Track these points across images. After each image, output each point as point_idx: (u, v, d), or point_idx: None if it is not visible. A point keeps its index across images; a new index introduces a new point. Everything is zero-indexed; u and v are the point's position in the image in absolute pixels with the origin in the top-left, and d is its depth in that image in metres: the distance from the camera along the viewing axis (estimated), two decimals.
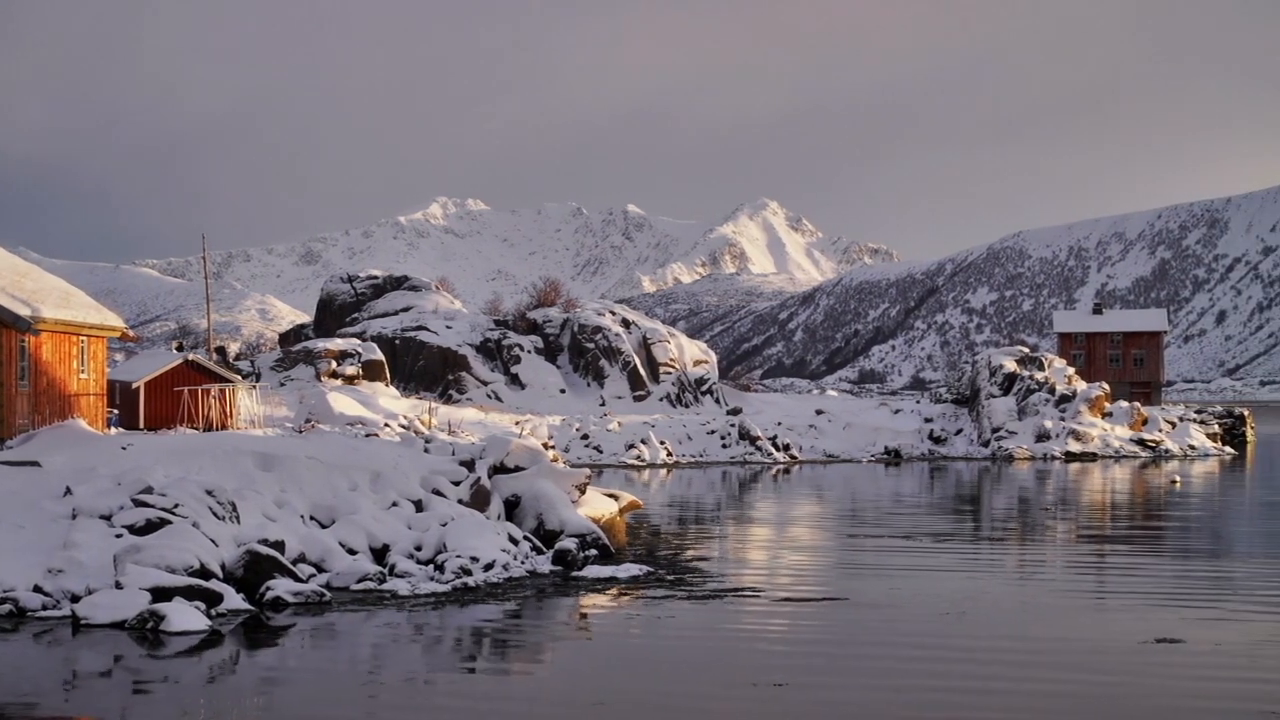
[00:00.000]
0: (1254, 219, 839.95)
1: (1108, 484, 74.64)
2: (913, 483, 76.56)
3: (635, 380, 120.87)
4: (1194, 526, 51.16)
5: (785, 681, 22.57)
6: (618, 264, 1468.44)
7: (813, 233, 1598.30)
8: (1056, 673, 23.52)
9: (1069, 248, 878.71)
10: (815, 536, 47.68)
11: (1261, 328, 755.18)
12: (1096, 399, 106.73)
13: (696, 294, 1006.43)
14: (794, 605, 30.62)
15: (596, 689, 22.40)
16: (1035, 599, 32.10)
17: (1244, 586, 33.69)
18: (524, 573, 34.57)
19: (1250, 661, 24.10)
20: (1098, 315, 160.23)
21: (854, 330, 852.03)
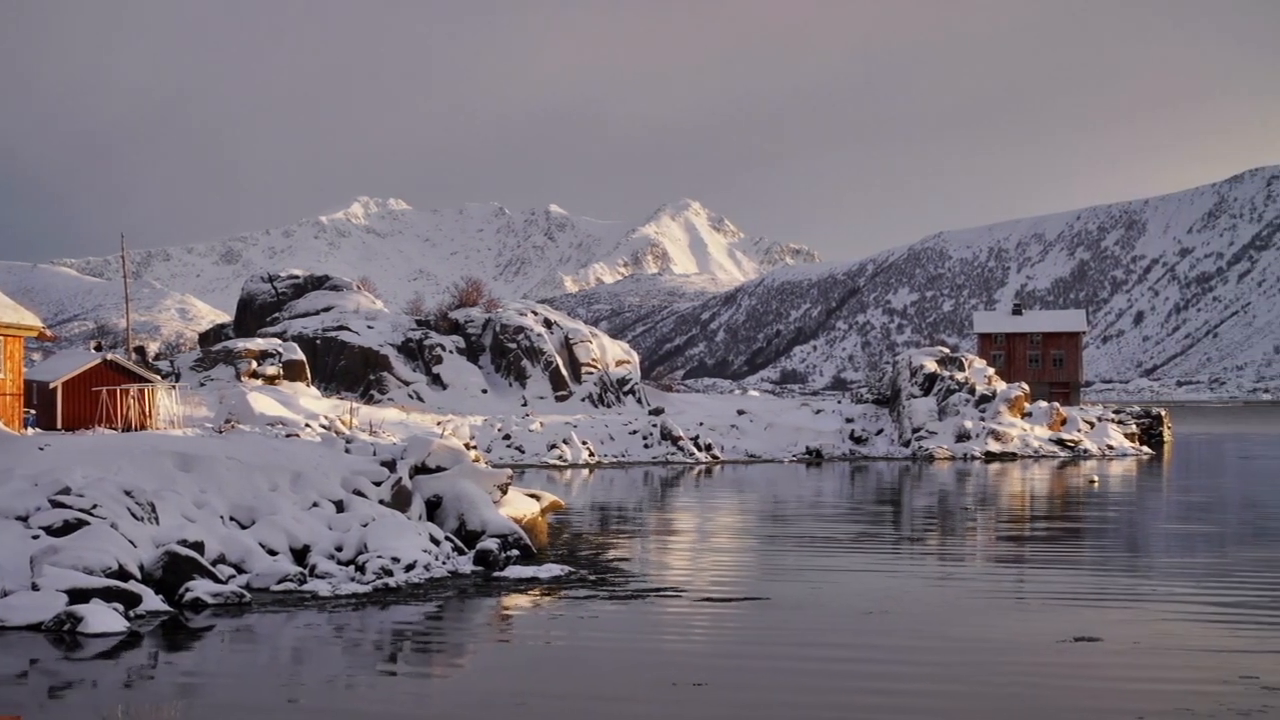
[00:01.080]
0: (1171, 220, 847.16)
1: (1027, 484, 75.11)
2: (834, 483, 76.81)
3: (557, 380, 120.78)
4: (1111, 526, 51.54)
5: (705, 681, 22.59)
6: (540, 264, 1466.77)
7: (735, 233, 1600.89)
8: (977, 672, 23.64)
9: (989, 248, 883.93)
10: (737, 537, 47.76)
11: (1178, 329, 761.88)
12: (1016, 399, 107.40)
13: (619, 294, 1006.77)
14: (715, 605, 30.65)
15: (518, 690, 22.35)
16: (956, 599, 32.26)
17: (1161, 586, 33.94)
18: (445, 573, 34.49)
19: (1167, 659, 24.29)
20: (1017, 316, 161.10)
21: (776, 331, 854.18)
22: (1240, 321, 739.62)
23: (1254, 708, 20.54)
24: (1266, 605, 30.67)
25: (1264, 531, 48.46)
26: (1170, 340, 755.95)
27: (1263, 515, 55.79)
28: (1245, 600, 31.48)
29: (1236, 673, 22.96)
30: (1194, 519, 52.90)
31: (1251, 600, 31.50)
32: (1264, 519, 54.09)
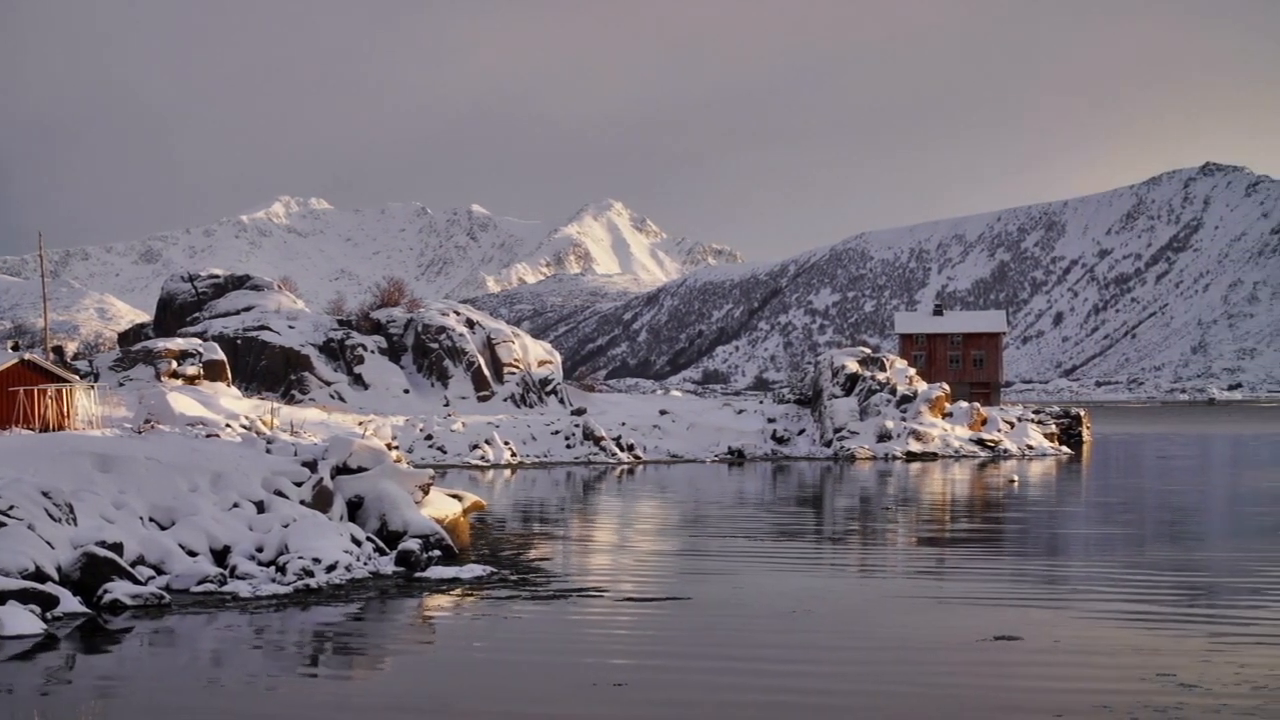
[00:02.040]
0: (1090, 222, 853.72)
1: (947, 484, 75.46)
2: (756, 483, 76.96)
3: (479, 381, 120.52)
4: (1031, 526, 51.84)
5: (625, 682, 22.60)
6: (462, 264, 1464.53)
7: (657, 233, 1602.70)
8: (899, 670, 23.76)
9: (910, 249, 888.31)
10: (659, 537, 47.76)
11: (1097, 329, 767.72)
12: (937, 399, 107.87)
13: (541, 294, 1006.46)
14: (637, 605, 30.68)
15: (439, 691, 22.32)
16: (878, 598, 32.39)
17: (1080, 584, 34.20)
18: (367, 574, 34.38)
19: (1086, 657, 24.47)
20: (938, 316, 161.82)
21: (698, 331, 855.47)
22: (1158, 322, 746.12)
23: (1170, 705, 20.72)
24: (1183, 605, 30.94)
25: (1181, 532, 48.89)
26: (1089, 341, 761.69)
27: (1179, 516, 56.26)
28: (1162, 600, 31.76)
29: (1154, 671, 23.16)
30: (1112, 519, 53.30)
31: (1168, 600, 31.78)
32: (1180, 519, 54.55)
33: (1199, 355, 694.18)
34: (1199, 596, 32.06)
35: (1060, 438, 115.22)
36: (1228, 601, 30.97)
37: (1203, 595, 32.22)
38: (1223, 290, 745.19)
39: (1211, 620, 28.29)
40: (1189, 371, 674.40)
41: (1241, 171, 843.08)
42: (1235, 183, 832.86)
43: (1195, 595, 32.30)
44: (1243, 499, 64.26)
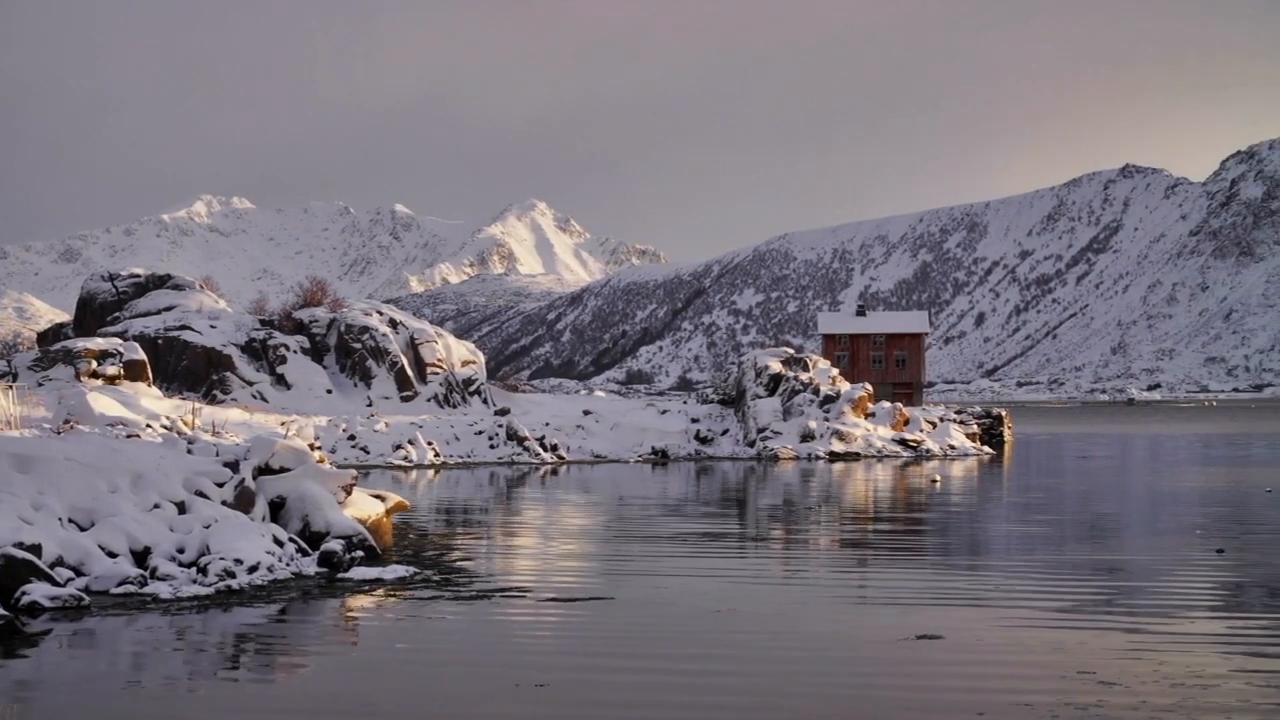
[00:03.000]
0: (1011, 223, 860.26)
1: (870, 484, 75.75)
2: (679, 483, 77.06)
3: (403, 381, 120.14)
4: (953, 526, 52.11)
5: (548, 682, 22.58)
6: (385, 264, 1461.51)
7: (581, 234, 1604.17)
8: (822, 669, 23.85)
9: (834, 250, 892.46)
10: (583, 537, 47.77)
11: (1019, 330, 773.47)
12: (860, 399, 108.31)
13: (465, 294, 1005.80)
14: (560, 605, 30.66)
15: (362, 691, 22.23)
16: (801, 597, 32.50)
17: (1001, 583, 34.39)
18: (289, 575, 34.21)
19: (1007, 656, 24.62)
20: (861, 317, 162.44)
21: (622, 331, 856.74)
22: (1079, 323, 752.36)
23: (1091, 702, 20.88)
24: (1103, 603, 31.16)
25: (1100, 531, 49.23)
26: (1011, 341, 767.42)
27: (1099, 515, 56.65)
28: (1083, 598, 31.98)
29: (1074, 669, 23.32)
30: (1033, 519, 53.61)
31: (1089, 598, 32.00)
32: (1100, 519, 54.93)
33: (1119, 356, 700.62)
34: (1118, 596, 32.30)
35: (982, 438, 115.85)
36: (1147, 601, 31.20)
37: (1122, 595, 32.46)
38: (1142, 291, 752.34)
39: (1131, 619, 28.49)
40: (1109, 372, 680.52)
41: (1160, 174, 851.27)
42: (1154, 185, 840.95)
43: (1115, 595, 32.54)
44: (1161, 499, 64.76)
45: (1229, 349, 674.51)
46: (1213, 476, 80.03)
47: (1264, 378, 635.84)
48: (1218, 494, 66.06)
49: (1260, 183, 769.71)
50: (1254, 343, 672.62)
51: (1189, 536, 44.79)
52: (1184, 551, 40.55)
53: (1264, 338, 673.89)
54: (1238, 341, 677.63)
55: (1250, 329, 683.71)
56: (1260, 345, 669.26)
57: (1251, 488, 68.80)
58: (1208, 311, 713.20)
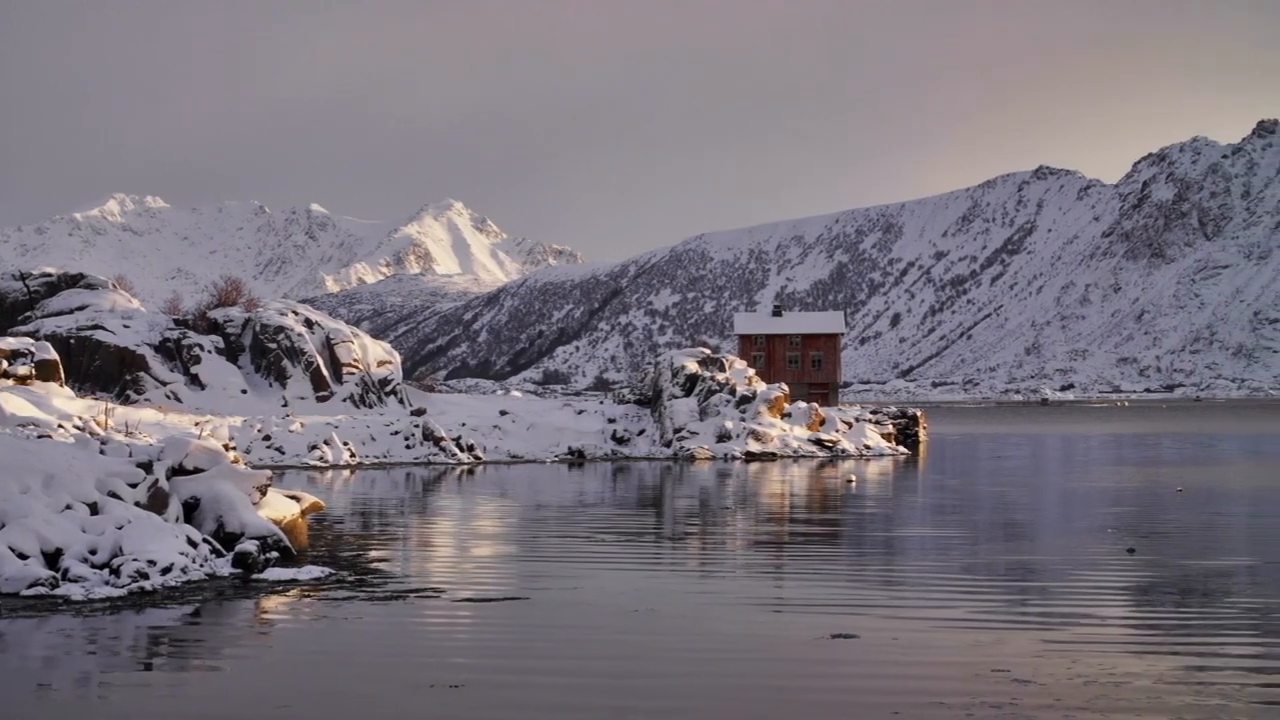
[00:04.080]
0: (926, 224, 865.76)
1: (786, 484, 75.97)
2: (596, 483, 77.07)
3: (318, 381, 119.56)
4: (868, 525, 52.31)
5: (463, 683, 22.54)
6: (301, 263, 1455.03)
7: (497, 234, 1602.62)
8: (739, 668, 23.90)
9: (750, 250, 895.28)
10: (499, 537, 47.73)
11: (934, 330, 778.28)
12: (776, 400, 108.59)
13: (381, 294, 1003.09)
14: (475, 606, 30.60)
15: (277, 692, 22.12)
16: (718, 597, 32.55)
17: (915, 584, 34.56)
18: (203, 576, 34.00)
19: (922, 655, 24.74)
20: (777, 317, 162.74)
21: (539, 331, 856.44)
22: (993, 324, 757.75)
23: (1005, 701, 21.02)
24: (1016, 602, 31.40)
25: (1014, 531, 49.55)
26: (926, 342, 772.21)
27: (1013, 514, 57.01)
28: (996, 598, 32.21)
29: (988, 667, 23.47)
30: (947, 519, 53.93)
31: (1002, 598, 32.23)
32: (1014, 518, 55.28)
33: (1032, 356, 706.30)
34: (1031, 595, 32.55)
35: (897, 438, 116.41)
36: (1059, 600, 31.46)
37: (1035, 594, 32.71)
38: (1055, 292, 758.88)
39: (1043, 619, 28.72)
40: (1023, 372, 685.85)
41: (1073, 175, 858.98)
42: (1067, 186, 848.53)
43: (1028, 594, 32.79)
44: (1073, 499, 65.30)
45: (1141, 349, 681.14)
46: (1124, 476, 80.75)
47: (1175, 378, 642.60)
48: (1129, 493, 66.64)
49: (1171, 185, 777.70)
50: (1165, 343, 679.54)
51: (1100, 536, 45.17)
52: (1096, 551, 40.89)
53: (1175, 338, 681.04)
54: (1149, 342, 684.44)
55: (1161, 330, 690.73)
56: (1171, 346, 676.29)
57: (1162, 487, 69.42)
58: (1120, 312, 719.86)
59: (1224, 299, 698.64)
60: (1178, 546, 42.12)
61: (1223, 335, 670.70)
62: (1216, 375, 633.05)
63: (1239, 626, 27.78)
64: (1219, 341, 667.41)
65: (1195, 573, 35.90)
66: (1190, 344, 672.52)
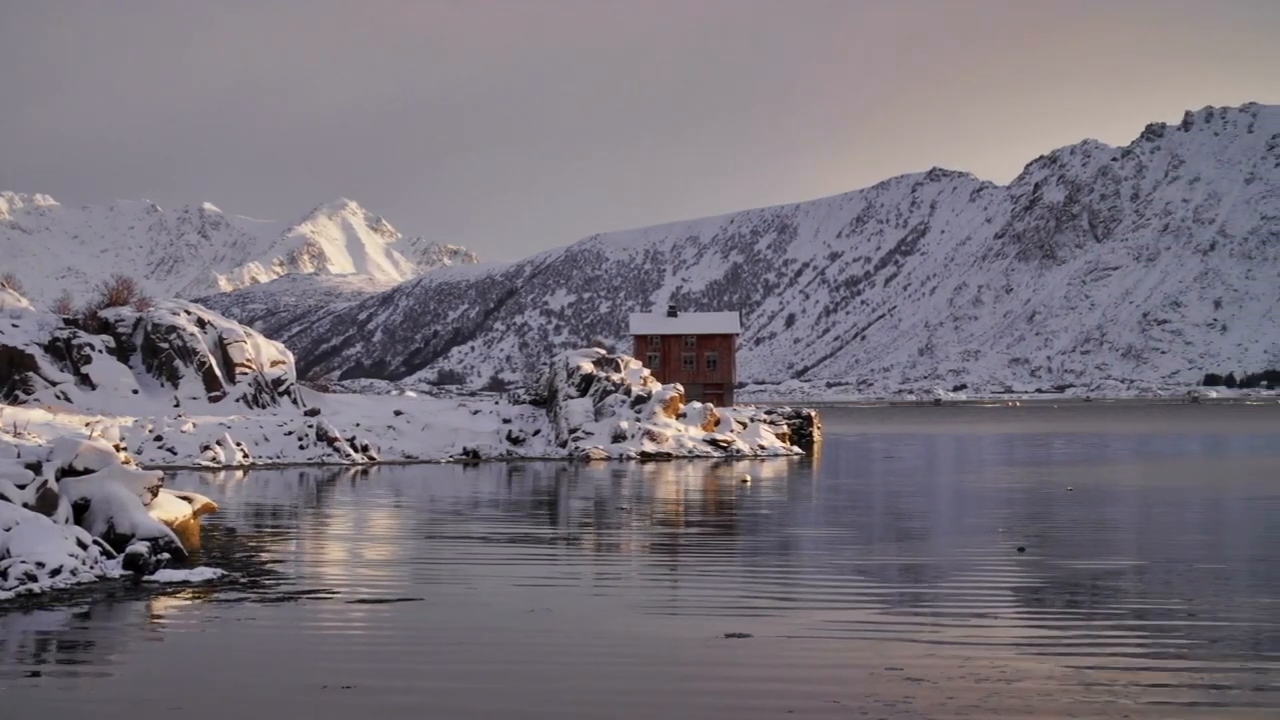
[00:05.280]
0: (821, 225, 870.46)
1: (681, 484, 76.06)
2: (491, 483, 76.94)
3: (211, 381, 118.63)
4: (763, 526, 52.45)
5: (355, 684, 22.45)
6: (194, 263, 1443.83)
7: (392, 233, 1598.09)
8: (635, 667, 23.92)
9: (645, 251, 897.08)
10: (393, 537, 47.58)
11: (828, 331, 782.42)
12: (671, 400, 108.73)
13: (274, 294, 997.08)
14: (369, 606, 30.49)
15: (168, 694, 21.94)
16: (614, 596, 32.58)
17: (809, 583, 34.71)
18: (93, 578, 33.67)
19: (816, 654, 24.84)
20: (672, 318, 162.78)
21: (434, 331, 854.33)
22: (887, 324, 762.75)
23: (899, 699, 21.17)
24: (909, 602, 31.63)
25: (906, 531, 49.85)
26: (820, 343, 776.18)
27: (905, 514, 57.36)
28: (890, 596, 32.44)
29: (882, 666, 23.63)
30: (841, 519, 54.20)
31: (895, 597, 32.46)
32: (907, 518, 55.62)
33: (926, 357, 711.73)
34: (924, 595, 32.78)
35: (792, 438, 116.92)
36: (951, 599, 31.69)
37: (927, 594, 32.93)
38: (948, 293, 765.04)
39: (936, 618, 28.93)
40: (916, 373, 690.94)
41: (966, 177, 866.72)
42: (960, 188, 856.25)
43: (920, 594, 33.02)
44: (965, 499, 65.82)
45: (1032, 350, 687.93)
46: (1016, 476, 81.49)
47: (1065, 378, 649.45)
48: (1020, 493, 67.25)
49: (1062, 187, 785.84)
50: (1056, 344, 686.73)
51: (992, 536, 45.56)
52: (987, 550, 41.23)
53: (1066, 339, 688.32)
54: (1041, 343, 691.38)
55: (1052, 330, 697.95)
56: (1062, 346, 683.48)
57: (1053, 487, 70.13)
58: (1012, 313, 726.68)
59: (1113, 300, 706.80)
60: (1068, 546, 42.53)
61: (1112, 336, 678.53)
62: (1106, 376, 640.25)
63: (1127, 626, 28.08)
64: (1109, 342, 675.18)
65: (1084, 573, 36.25)
66: (1080, 345, 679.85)
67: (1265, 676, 22.89)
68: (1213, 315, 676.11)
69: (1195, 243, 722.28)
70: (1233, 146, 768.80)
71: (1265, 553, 41.09)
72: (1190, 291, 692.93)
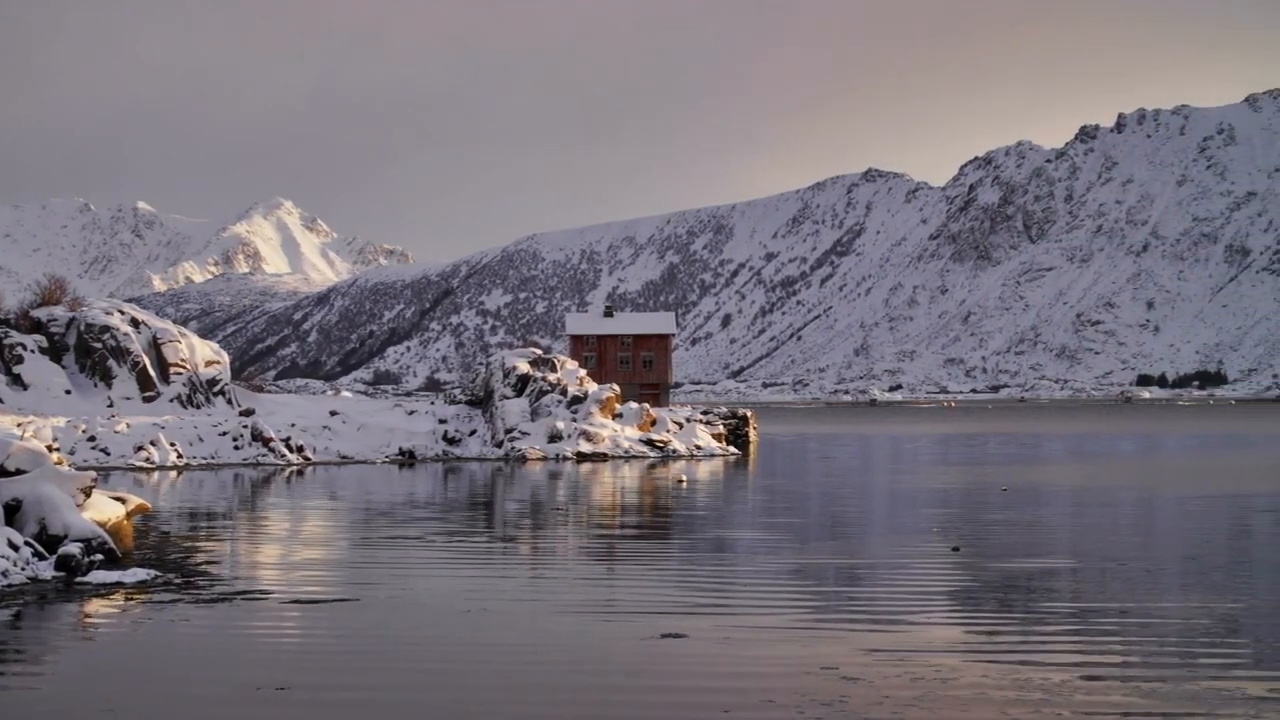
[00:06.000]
0: (757, 226, 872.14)
1: (617, 484, 76.07)
2: (427, 484, 76.79)
3: (145, 381, 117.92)
4: (699, 526, 52.49)
5: (289, 685, 22.36)
6: (127, 262, 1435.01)
7: (328, 233, 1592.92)
8: (570, 668, 23.89)
9: (581, 251, 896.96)
10: (328, 538, 47.45)
11: (764, 331, 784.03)
12: (607, 400, 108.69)
13: (209, 294, 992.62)
14: (304, 607, 30.39)
15: (100, 696, 21.81)
16: (551, 596, 32.52)
17: (746, 583, 34.77)
18: (25, 579, 33.45)
19: (752, 654, 24.88)
20: (609, 318, 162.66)
21: (369, 331, 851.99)
22: (822, 325, 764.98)
23: (834, 697, 21.23)
24: (845, 601, 31.72)
25: (842, 531, 50.01)
26: (756, 343, 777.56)
27: (841, 515, 57.55)
28: (826, 596, 32.54)
29: (818, 665, 23.68)
30: (777, 519, 54.29)
31: (831, 596, 32.58)
32: (842, 518, 55.80)
33: (861, 357, 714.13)
34: (859, 594, 32.89)
35: (728, 438, 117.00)
36: (887, 599, 31.81)
37: (863, 593, 33.06)
38: (884, 294, 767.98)
39: (871, 617, 29.03)
40: (852, 373, 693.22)
41: (901, 178, 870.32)
42: (896, 189, 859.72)
43: (856, 593, 33.13)
44: (901, 499, 66.07)
45: (967, 350, 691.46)
46: (950, 476, 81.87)
47: (1000, 379, 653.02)
48: (955, 493, 67.57)
49: (997, 188, 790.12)
50: (991, 344, 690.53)
51: (927, 535, 45.74)
52: (922, 550, 41.39)
53: (1000, 340, 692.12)
54: (975, 344, 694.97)
55: (987, 331, 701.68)
56: (997, 347, 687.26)
57: (987, 487, 70.49)
58: (947, 314, 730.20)
59: (1048, 301, 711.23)
60: (1002, 546, 42.74)
61: (1046, 337, 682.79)
62: (1040, 376, 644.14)
63: (1062, 626, 28.23)
64: (1043, 343, 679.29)
65: (1019, 573, 36.43)
66: (1015, 345, 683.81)
67: (1197, 675, 23.05)
68: (1145, 316, 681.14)
69: (1128, 244, 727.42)
70: (1165, 148, 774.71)
71: (1196, 552, 41.36)
72: (1123, 292, 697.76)
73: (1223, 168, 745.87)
